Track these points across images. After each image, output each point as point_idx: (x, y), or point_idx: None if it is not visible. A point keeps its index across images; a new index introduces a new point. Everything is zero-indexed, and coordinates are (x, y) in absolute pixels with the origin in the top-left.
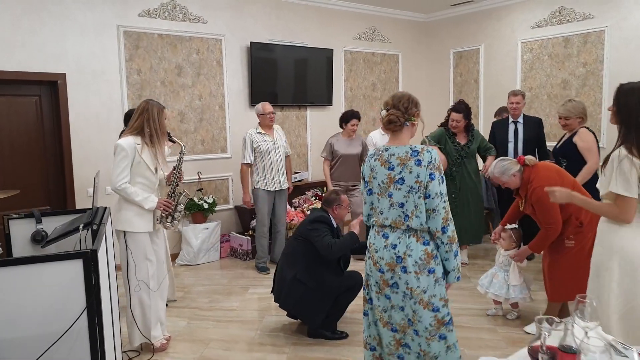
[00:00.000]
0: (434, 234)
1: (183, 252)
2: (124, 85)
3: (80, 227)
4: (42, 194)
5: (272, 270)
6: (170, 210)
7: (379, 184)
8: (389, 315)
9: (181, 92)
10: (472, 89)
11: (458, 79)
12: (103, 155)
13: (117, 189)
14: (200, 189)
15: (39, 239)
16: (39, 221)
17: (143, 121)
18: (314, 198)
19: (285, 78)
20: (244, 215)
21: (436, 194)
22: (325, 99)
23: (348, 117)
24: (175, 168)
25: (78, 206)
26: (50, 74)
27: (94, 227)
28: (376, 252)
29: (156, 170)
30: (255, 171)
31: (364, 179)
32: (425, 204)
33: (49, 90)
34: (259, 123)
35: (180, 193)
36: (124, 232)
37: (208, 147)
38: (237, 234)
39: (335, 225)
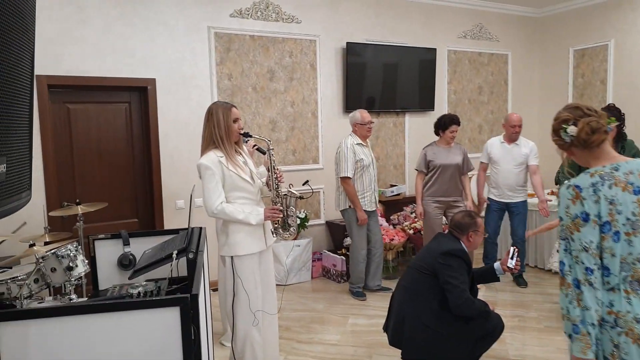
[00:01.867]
0: None
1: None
2: (214, 91)
3: (174, 254)
4: (129, 206)
5: (370, 297)
6: (281, 217)
7: (628, 219)
8: None
9: (273, 98)
10: (598, 92)
11: (579, 81)
12: (193, 167)
13: (214, 212)
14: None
15: (126, 263)
16: (126, 243)
17: (211, 129)
18: (414, 215)
19: (382, 81)
20: (337, 232)
21: None
22: (426, 103)
23: (446, 123)
24: (268, 169)
25: (166, 220)
26: (140, 80)
27: (190, 255)
28: (638, 322)
29: (253, 179)
30: None
31: (599, 222)
32: None
33: (139, 96)
34: (353, 132)
35: (285, 195)
36: (232, 257)
37: (299, 158)
38: (330, 253)
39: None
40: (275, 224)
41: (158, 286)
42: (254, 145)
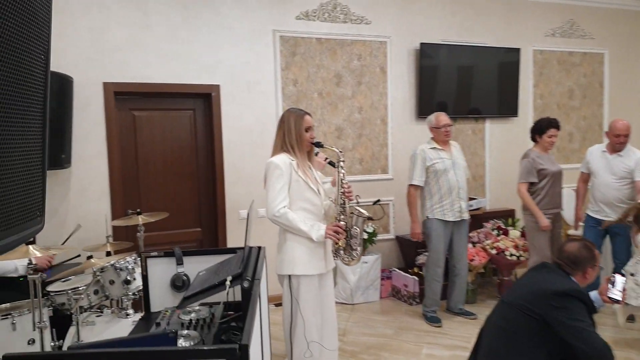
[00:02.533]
0: None
1: (338, 288)
2: (279, 97)
3: (228, 281)
4: (193, 215)
5: (446, 323)
6: (344, 238)
7: None
8: None
9: (339, 104)
10: None
11: None
12: (256, 176)
13: (276, 216)
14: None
15: (179, 284)
16: (179, 262)
17: (282, 136)
18: (496, 232)
19: (459, 84)
20: (408, 248)
21: None
22: (507, 108)
23: (544, 127)
24: (336, 182)
25: (229, 230)
26: (205, 86)
27: (245, 284)
28: None
29: (319, 191)
30: (429, 196)
31: None
32: None
33: (203, 103)
34: (432, 138)
35: (352, 213)
36: (290, 276)
37: (367, 167)
38: (401, 271)
39: None
40: (336, 244)
41: (212, 312)
42: (326, 159)
